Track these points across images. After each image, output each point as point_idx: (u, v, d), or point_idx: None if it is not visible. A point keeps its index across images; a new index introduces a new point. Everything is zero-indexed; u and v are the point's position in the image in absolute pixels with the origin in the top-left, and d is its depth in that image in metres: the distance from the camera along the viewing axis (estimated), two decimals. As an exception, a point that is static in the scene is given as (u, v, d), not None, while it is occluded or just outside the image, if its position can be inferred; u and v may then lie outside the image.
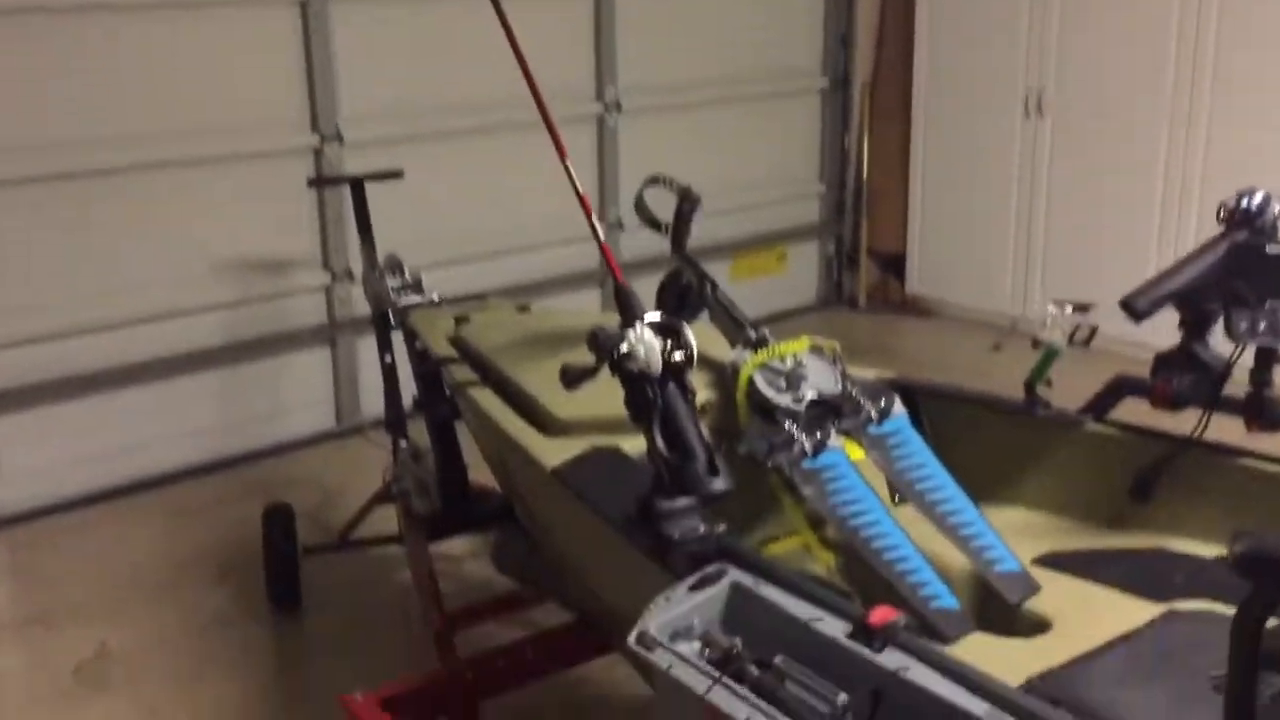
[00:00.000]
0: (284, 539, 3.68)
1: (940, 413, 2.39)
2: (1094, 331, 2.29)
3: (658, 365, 1.66)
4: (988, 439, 2.38)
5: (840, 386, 2.24)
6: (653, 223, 2.52)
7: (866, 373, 2.43)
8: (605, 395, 2.36)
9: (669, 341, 1.68)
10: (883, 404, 2.25)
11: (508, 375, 2.57)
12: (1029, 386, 2.39)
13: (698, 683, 1.33)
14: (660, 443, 1.63)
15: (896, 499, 2.26)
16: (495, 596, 2.98)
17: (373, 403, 5.02)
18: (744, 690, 1.32)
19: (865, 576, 2.04)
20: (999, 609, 2.03)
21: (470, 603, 2.94)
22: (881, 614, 1.39)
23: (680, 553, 1.64)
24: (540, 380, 2.47)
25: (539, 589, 2.70)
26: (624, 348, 1.66)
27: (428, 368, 3.25)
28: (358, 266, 4.87)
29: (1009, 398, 2.43)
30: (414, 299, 3.43)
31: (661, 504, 1.68)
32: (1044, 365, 2.37)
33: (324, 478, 4.67)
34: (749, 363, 2.24)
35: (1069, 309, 2.30)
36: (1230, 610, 1.92)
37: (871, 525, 2.03)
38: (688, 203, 2.42)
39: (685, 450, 1.62)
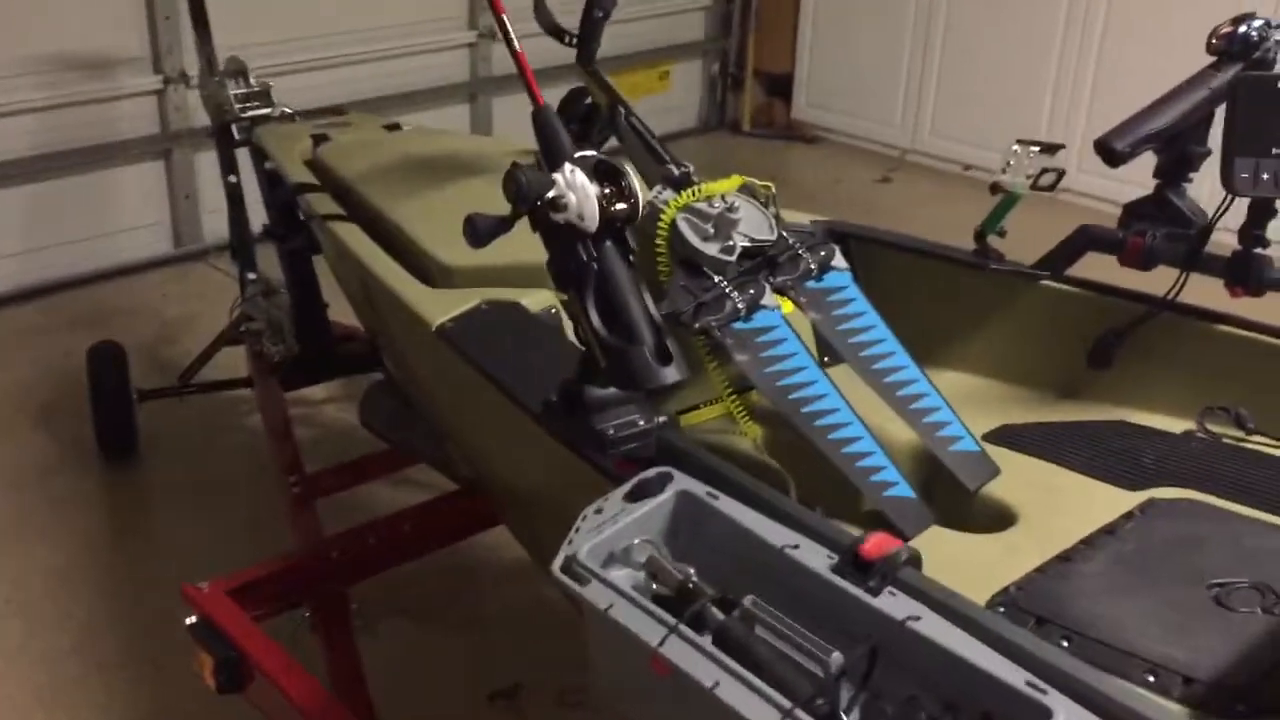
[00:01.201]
0: (114, 381, 3.25)
1: (875, 262, 2.09)
2: (1061, 176, 2.00)
3: (594, 219, 1.30)
4: (931, 294, 2.10)
5: (775, 234, 1.91)
6: (554, 30, 2.11)
7: (796, 217, 2.11)
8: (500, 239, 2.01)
9: (608, 189, 1.32)
10: (822, 254, 1.94)
11: (380, 210, 2.18)
12: (980, 235, 2.11)
13: (649, 631, 1.04)
14: (595, 319, 1.28)
15: (825, 360, 1.97)
16: (361, 456, 2.63)
17: (216, 224, 4.53)
18: (707, 644, 1.03)
19: (800, 456, 1.76)
20: (950, 494, 1.78)
21: (332, 464, 2.58)
22: (878, 543, 1.10)
23: (615, 453, 1.32)
24: (419, 218, 2.09)
25: (413, 452, 2.37)
26: (552, 195, 1.29)
27: (281, 194, 2.81)
28: (195, 69, 4.31)
29: (955, 248, 2.14)
30: (260, 110, 2.96)
31: (592, 393, 1.34)
32: (1001, 212, 2.08)
33: (162, 310, 4.19)
34: (671, 204, 1.89)
35: (1034, 149, 2.00)
36: (1211, 499, 1.73)
37: (816, 400, 1.74)
38: (599, 7, 2.02)
39: (629, 329, 1.26)
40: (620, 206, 1.32)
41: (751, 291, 1.86)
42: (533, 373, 1.66)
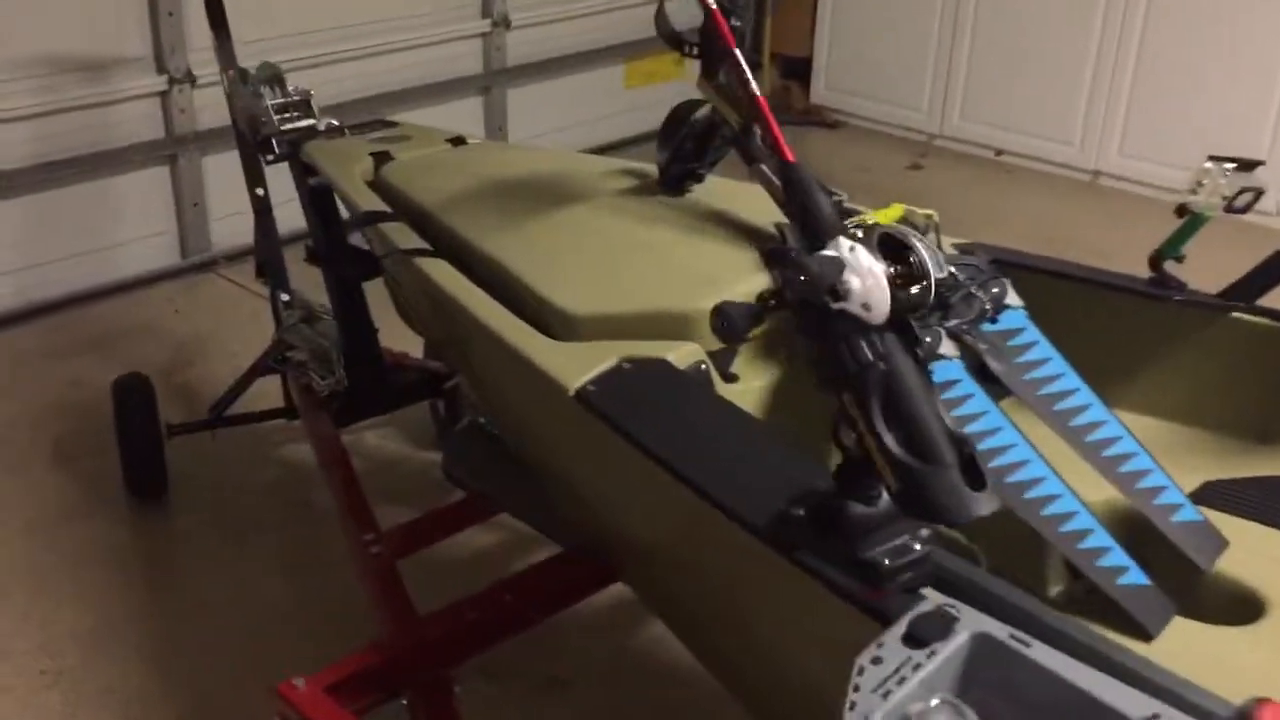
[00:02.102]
0: (143, 417, 2.98)
1: (1039, 293, 1.85)
2: (1259, 195, 1.78)
3: (884, 308, 1.05)
4: (1104, 328, 1.88)
5: (945, 270, 1.68)
6: (673, 39, 1.86)
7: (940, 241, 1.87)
8: (626, 280, 1.77)
9: (895, 267, 1.08)
10: (994, 291, 1.70)
11: (471, 243, 1.92)
12: (1157, 261, 1.88)
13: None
14: (885, 433, 1.03)
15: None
16: (439, 507, 2.37)
17: (225, 232, 4.26)
18: None
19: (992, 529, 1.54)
20: (1167, 566, 1.56)
21: (408, 520, 2.32)
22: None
23: (891, 586, 1.07)
24: (525, 255, 1.84)
25: (509, 510, 2.12)
26: (850, 284, 1.04)
27: (329, 214, 2.56)
28: (201, 68, 4.02)
29: (1130, 276, 1.91)
30: (303, 123, 2.68)
31: (855, 511, 1.10)
32: (1184, 236, 1.86)
33: (175, 328, 3.91)
34: (829, 240, 1.65)
35: (1229, 167, 1.77)
36: None
37: (1019, 468, 1.51)
38: (731, 14, 1.76)
39: (926, 444, 1.01)
40: (913, 291, 1.08)
41: (928, 340, 1.63)
42: (707, 452, 1.43)
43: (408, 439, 3.28)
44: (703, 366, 1.63)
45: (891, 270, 1.09)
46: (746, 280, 1.73)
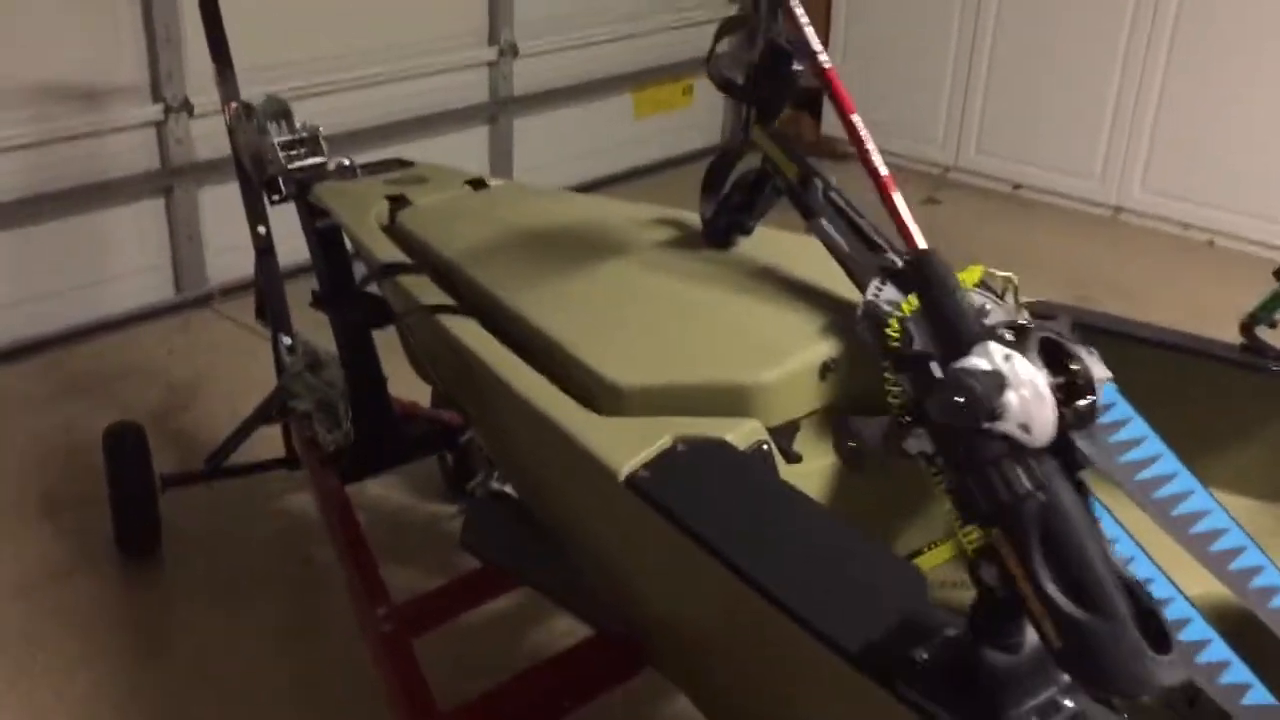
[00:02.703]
0: (136, 469, 2.81)
1: (1122, 360, 1.69)
2: (1366, 258, 1.63)
3: (1047, 429, 0.89)
4: (1193, 398, 1.72)
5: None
6: (727, 85, 1.71)
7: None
8: (676, 348, 1.61)
9: (1058, 378, 0.91)
10: (1083, 361, 1.55)
11: (501, 300, 1.76)
12: (1249, 327, 1.73)
13: None
14: (1046, 579, 0.86)
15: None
16: (456, 578, 2.20)
17: (222, 266, 4.10)
18: None
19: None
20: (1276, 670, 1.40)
21: (420, 594, 2.15)
22: None
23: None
24: (564, 317, 1.68)
25: (536, 587, 1.95)
26: (1007, 401, 0.87)
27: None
28: (198, 96, 3.87)
29: (1220, 343, 1.76)
30: (311, 161, 2.52)
31: (995, 660, 0.93)
32: (1277, 301, 1.71)
33: (169, 368, 3.74)
34: (905, 308, 1.50)
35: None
36: None
37: (1128, 563, 1.36)
38: (781, 60, 1.60)
39: (1097, 593, 0.85)
40: (1080, 404, 0.92)
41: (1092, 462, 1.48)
42: (786, 557, 1.26)
43: (412, 489, 3.11)
44: (765, 447, 1.47)
45: (1054, 382, 0.93)
46: (806, 348, 1.58)
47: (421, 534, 2.98)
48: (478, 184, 2.30)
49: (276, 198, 2.57)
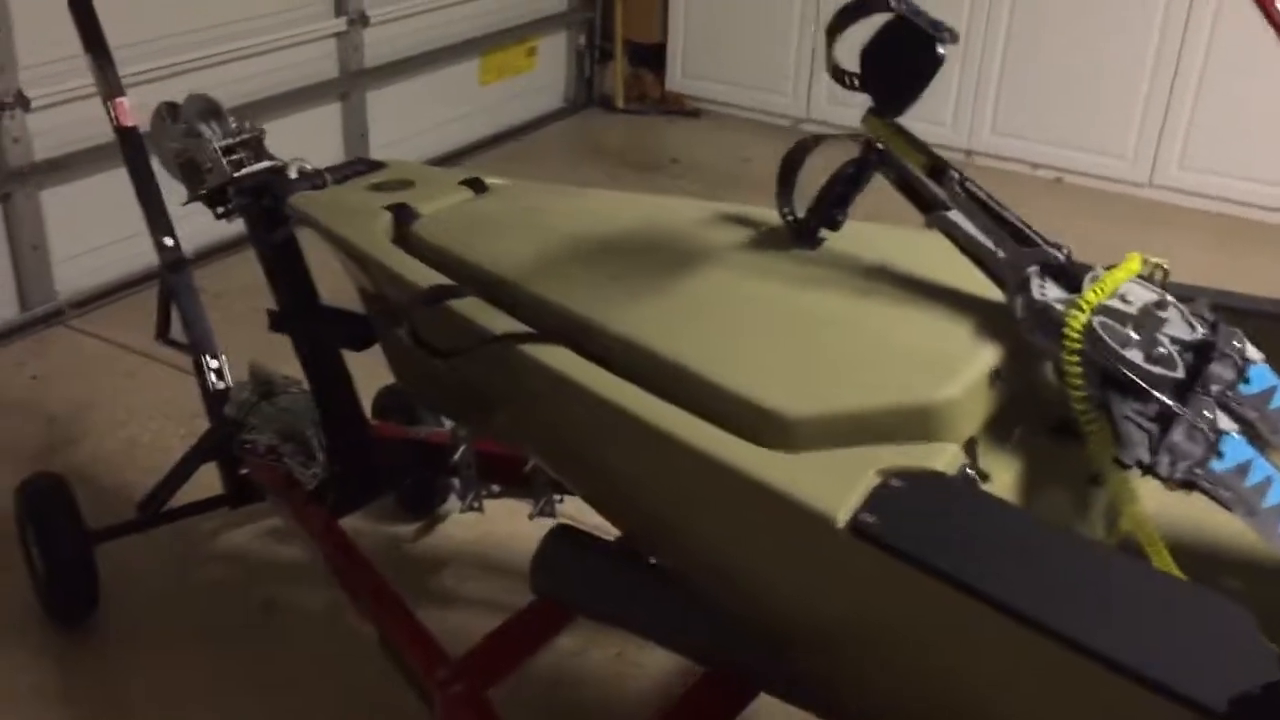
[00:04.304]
0: (64, 527, 2.47)
1: (1264, 342, 1.63)
2: None
3: None
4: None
5: (1198, 330, 1.49)
6: (839, 75, 1.57)
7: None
8: (833, 368, 1.47)
9: None
10: (1235, 345, 1.52)
11: (604, 327, 1.57)
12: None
13: None
14: None
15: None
16: (513, 617, 1.98)
17: (71, 275, 3.69)
18: None
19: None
20: None
21: (479, 641, 1.94)
22: None
23: None
24: (693, 341, 1.52)
25: (633, 630, 1.79)
26: None
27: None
28: (35, 89, 3.42)
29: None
30: (261, 166, 2.24)
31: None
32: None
33: (41, 399, 3.32)
34: (1084, 305, 1.43)
35: None
36: None
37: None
38: (922, 45, 1.47)
39: None
40: None
41: (1206, 414, 1.43)
42: (1065, 591, 1.17)
43: (364, 512, 2.85)
44: (970, 472, 1.37)
45: None
46: (973, 356, 1.48)
47: (383, 560, 2.74)
48: (474, 184, 2.08)
49: (222, 210, 2.29)
